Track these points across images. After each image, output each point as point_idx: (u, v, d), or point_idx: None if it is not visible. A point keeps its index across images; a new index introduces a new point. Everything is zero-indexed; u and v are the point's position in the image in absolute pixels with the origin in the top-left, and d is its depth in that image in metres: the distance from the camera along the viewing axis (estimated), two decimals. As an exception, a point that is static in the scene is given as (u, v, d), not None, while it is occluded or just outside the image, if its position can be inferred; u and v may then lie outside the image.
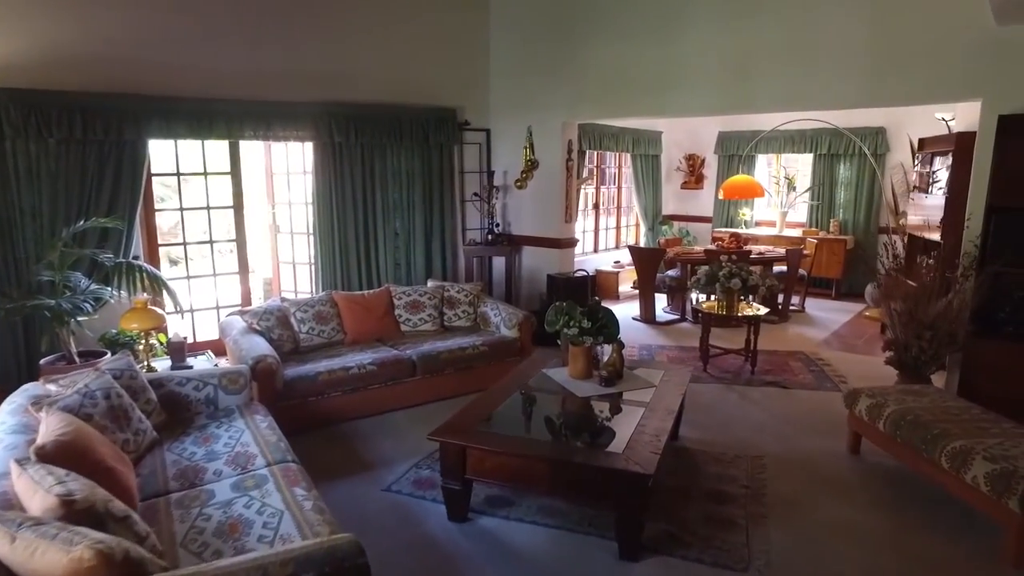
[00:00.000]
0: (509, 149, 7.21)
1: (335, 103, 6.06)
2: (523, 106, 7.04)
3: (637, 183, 9.92)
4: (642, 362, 4.98)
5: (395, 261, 6.78)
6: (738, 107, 5.73)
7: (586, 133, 8.55)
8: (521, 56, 6.99)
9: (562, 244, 7.02)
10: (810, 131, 9.40)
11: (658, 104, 6.15)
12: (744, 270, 5.66)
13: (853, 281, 9.31)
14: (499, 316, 5.51)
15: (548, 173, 6.98)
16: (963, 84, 4.71)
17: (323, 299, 5.20)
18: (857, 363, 6.23)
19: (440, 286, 5.81)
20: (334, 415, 4.49)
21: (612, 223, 10.13)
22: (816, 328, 7.60)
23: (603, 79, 6.44)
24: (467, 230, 7.31)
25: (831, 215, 9.50)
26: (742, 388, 5.47)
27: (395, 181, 6.63)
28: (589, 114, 6.71)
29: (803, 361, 6.23)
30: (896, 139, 8.94)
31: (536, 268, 7.22)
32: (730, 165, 10.22)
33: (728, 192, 7.78)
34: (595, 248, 9.68)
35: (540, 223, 7.14)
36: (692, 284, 5.90)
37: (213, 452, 2.98)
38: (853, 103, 5.31)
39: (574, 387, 3.93)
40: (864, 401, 4.00)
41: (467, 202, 7.24)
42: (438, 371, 4.92)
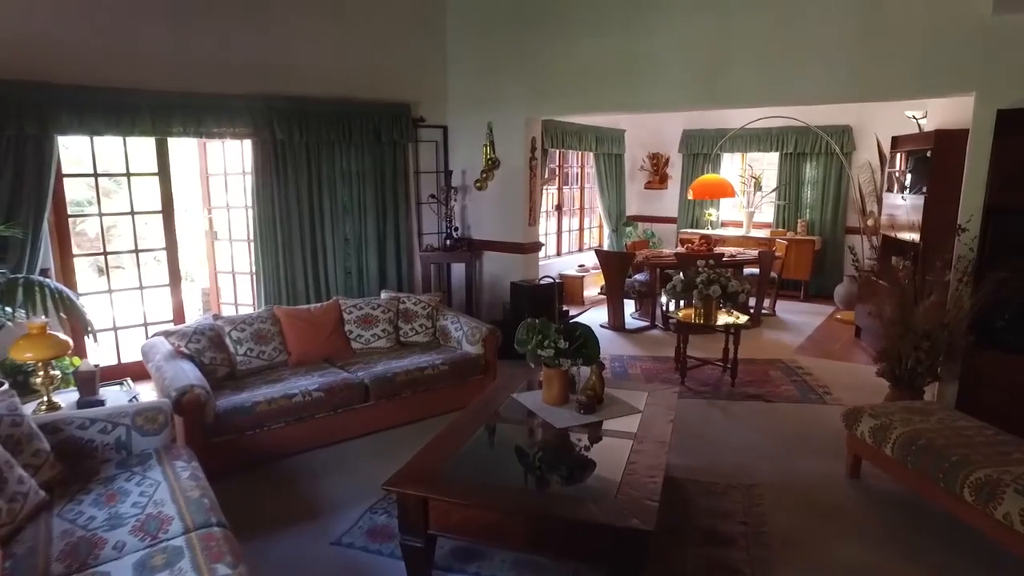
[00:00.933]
0: (468, 147, 6.72)
1: (276, 96, 5.48)
2: (483, 101, 6.56)
3: (600, 183, 9.54)
4: (622, 382, 4.56)
5: (346, 269, 6.22)
6: (714, 102, 5.36)
7: (548, 131, 8.11)
8: (481, 47, 6.51)
9: (526, 249, 6.57)
10: (776, 129, 9.15)
11: (628, 98, 5.74)
12: (723, 276, 5.29)
13: (821, 282, 9.09)
14: (460, 330, 5.01)
15: (510, 173, 6.52)
16: (955, 77, 4.41)
17: (263, 316, 4.63)
18: (837, 371, 5.92)
19: (395, 298, 5.28)
20: (276, 450, 3.93)
21: (575, 225, 9.72)
22: (790, 333, 7.30)
23: (569, 72, 6.00)
24: (424, 235, 6.80)
25: (798, 215, 9.27)
26: (724, 403, 5.09)
27: (344, 182, 6.08)
28: (554, 109, 6.27)
29: (783, 370, 5.90)
30: (862, 138, 8.75)
31: (499, 275, 6.75)
32: (695, 164, 9.92)
33: (697, 192, 7.44)
34: (558, 251, 9.26)
35: (502, 226, 6.66)
36: (668, 291, 5.50)
37: (117, 516, 2.42)
38: (838, 98, 4.98)
39: (550, 416, 3.46)
40: (867, 422, 3.64)
41: (423, 204, 6.73)
42: (394, 394, 4.40)
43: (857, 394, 5.23)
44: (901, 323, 4.34)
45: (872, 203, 8.43)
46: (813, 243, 8.83)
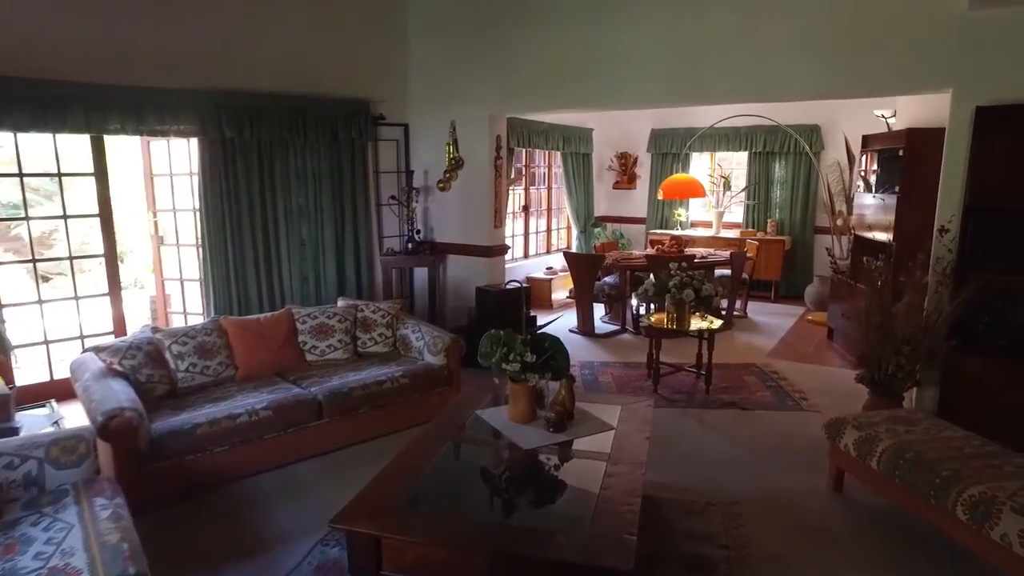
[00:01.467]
0: (430, 146, 6.44)
1: (225, 91, 5.13)
2: (446, 98, 6.28)
3: (568, 183, 9.32)
4: (593, 394, 4.32)
5: (302, 275, 5.89)
6: (687, 98, 5.15)
7: (514, 130, 7.87)
8: (444, 42, 6.23)
9: (491, 252, 6.30)
10: (745, 128, 9.03)
11: (598, 95, 5.52)
12: (696, 279, 5.09)
13: (791, 283, 9.00)
14: (422, 340, 4.72)
15: (474, 172, 6.25)
16: (931, 74, 4.26)
17: (208, 327, 4.29)
18: (812, 374, 5.78)
19: (352, 305, 4.98)
20: (220, 475, 3.60)
21: (542, 226, 9.49)
22: (762, 335, 7.16)
23: (535, 67, 5.76)
24: (384, 238, 6.50)
25: (767, 215, 9.16)
26: (699, 412, 4.89)
27: (300, 183, 5.76)
28: (520, 106, 6.02)
29: (757, 375, 5.73)
30: (831, 137, 8.67)
31: (463, 279, 6.48)
32: (664, 164, 9.76)
33: (667, 192, 7.26)
34: (525, 254, 9.01)
35: (466, 229, 6.39)
36: (639, 295, 5.29)
37: (14, 572, 2.09)
38: (813, 94, 4.82)
39: (517, 435, 3.21)
40: (851, 434, 3.46)
41: (384, 206, 6.42)
42: (350, 411, 4.10)
43: (833, 399, 5.08)
44: (880, 328, 4.17)
45: (841, 202, 8.37)
46: (783, 243, 8.73)
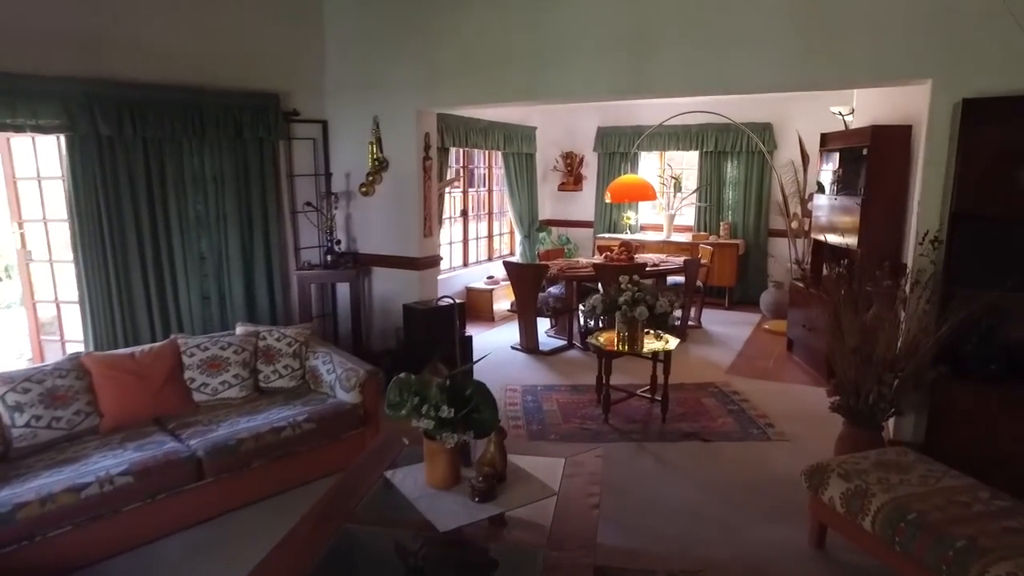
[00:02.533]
0: (352, 145, 5.73)
1: (99, 80, 4.30)
2: (368, 91, 5.57)
3: (510, 185, 8.69)
4: (531, 445, 3.70)
5: (203, 294, 5.09)
6: (638, 90, 4.57)
7: (449, 128, 7.20)
8: (364, 26, 5.52)
9: (421, 264, 5.62)
10: (696, 127, 8.56)
11: (539, 87, 4.89)
12: (650, 294, 4.52)
13: (746, 289, 8.57)
14: (333, 373, 4.02)
15: (400, 175, 5.56)
16: (909, 62, 3.78)
17: (62, 368, 3.49)
18: (776, 394, 5.28)
19: (252, 333, 4.24)
20: (55, 567, 2.84)
21: (483, 231, 8.84)
22: (719, 348, 6.66)
23: (467, 55, 5.11)
24: (301, 249, 5.74)
25: (720, 218, 8.71)
26: (656, 446, 4.31)
27: (197, 188, 4.96)
28: (449, 99, 5.35)
29: (717, 397, 5.20)
30: (784, 136, 8.27)
31: (391, 295, 5.78)
32: (611, 164, 9.23)
33: (616, 194, 6.70)
34: (464, 262, 8.35)
35: (393, 238, 5.70)
36: (587, 313, 4.68)
37: None
38: (777, 85, 4.29)
39: (432, 508, 2.54)
40: (836, 485, 2.91)
41: (299, 214, 5.67)
42: (240, 466, 3.37)
43: (802, 425, 4.58)
44: (857, 351, 3.66)
45: (796, 204, 7.97)
46: (737, 247, 8.28)
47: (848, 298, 3.84)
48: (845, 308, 3.84)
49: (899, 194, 5.22)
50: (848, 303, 3.83)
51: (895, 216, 5.24)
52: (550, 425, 4.62)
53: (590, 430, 4.54)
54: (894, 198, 5.23)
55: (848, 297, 3.85)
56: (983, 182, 3.42)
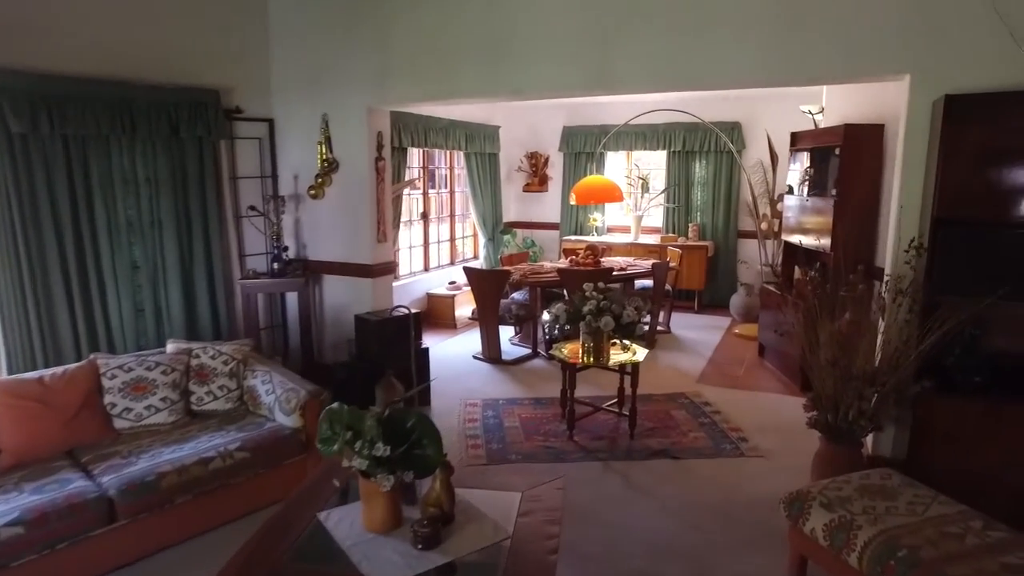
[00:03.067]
0: (300, 145, 5.37)
1: (8, 70, 3.88)
2: (316, 87, 5.23)
3: (473, 186, 8.39)
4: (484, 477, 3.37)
5: (136, 307, 4.70)
6: (602, 85, 4.29)
7: (408, 127, 6.88)
8: (311, 18, 5.17)
9: (374, 271, 5.28)
10: (663, 125, 8.35)
11: (492, 82, 4.59)
12: (616, 302, 4.25)
13: (715, 291, 8.38)
14: (273, 394, 3.68)
15: (351, 177, 5.22)
16: (886, 57, 3.56)
17: (-44, 395, 3.11)
18: (748, 405, 5.06)
19: (184, 351, 3.87)
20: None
21: (445, 234, 8.51)
22: (688, 355, 6.43)
23: (419, 50, 4.79)
24: (247, 256, 5.37)
25: (688, 219, 8.51)
26: (623, 465, 4.04)
27: (128, 190, 4.56)
28: (401, 97, 5.02)
29: (687, 408, 4.95)
30: (752, 135, 8.09)
31: (344, 305, 5.43)
32: (577, 164, 8.97)
33: (581, 196, 6.43)
34: (426, 266, 8.02)
35: (345, 244, 5.35)
36: (549, 323, 4.40)
37: None
38: (749, 81, 4.05)
39: (368, 558, 2.22)
40: (818, 515, 2.66)
41: (244, 218, 5.30)
42: (162, 504, 3.02)
43: (778, 439, 4.35)
44: (836, 364, 3.43)
45: (765, 205, 7.79)
46: (706, 249, 8.08)
47: (822, 304, 3.61)
48: (820, 315, 3.61)
49: (872, 195, 5.04)
50: (823, 309, 3.60)
51: (868, 218, 5.06)
52: (511, 444, 4.32)
53: (553, 449, 4.25)
54: (867, 199, 5.05)
55: (822, 303, 3.61)
56: (967, 184, 3.20)
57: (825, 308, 3.60)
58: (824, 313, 3.66)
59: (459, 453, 4.20)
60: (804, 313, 3.80)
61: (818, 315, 3.68)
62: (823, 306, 3.61)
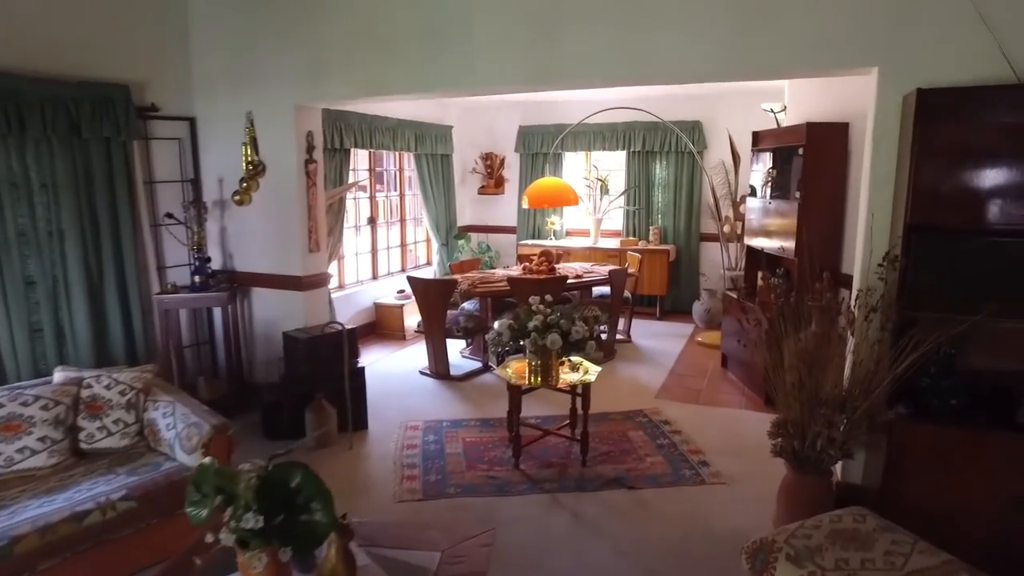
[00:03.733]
0: (225, 147, 4.91)
1: None
2: (240, 83, 4.78)
3: (424, 189, 7.97)
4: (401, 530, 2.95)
5: (31, 327, 4.20)
6: (549, 79, 3.91)
7: (351, 127, 6.45)
8: (234, 7, 4.72)
9: (306, 284, 4.84)
10: (622, 125, 8.03)
11: (430, 76, 4.19)
12: (565, 317, 3.88)
13: (677, 297, 8.09)
14: (173, 429, 3.23)
15: (279, 181, 4.78)
16: (852, 49, 3.25)
17: None
18: (710, 422, 4.74)
19: (75, 380, 3.40)
20: None
21: (396, 239, 8.07)
22: (648, 366, 6.10)
23: (350, 41, 4.38)
24: (166, 269, 4.89)
25: (649, 222, 8.20)
26: (573, 498, 3.68)
27: (19, 196, 4.05)
28: (332, 93, 4.58)
29: (645, 428, 4.61)
30: (714, 135, 7.81)
31: (274, 319, 4.98)
32: (534, 165, 8.61)
33: (534, 199, 6.06)
34: (374, 274, 7.58)
35: (274, 254, 4.91)
36: (492, 342, 4.01)
37: None
38: (704, 73, 3.69)
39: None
40: (785, 570, 2.32)
41: (161, 227, 4.82)
42: (23, 570, 2.56)
43: (740, 463, 4.03)
44: (802, 388, 3.10)
45: (727, 207, 7.52)
46: (667, 253, 7.78)
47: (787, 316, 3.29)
48: (785, 330, 3.28)
49: (837, 197, 4.77)
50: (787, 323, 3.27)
51: (833, 221, 4.79)
52: (451, 475, 3.93)
53: (497, 479, 3.87)
54: (832, 201, 4.78)
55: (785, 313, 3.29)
56: (942, 188, 2.90)
57: (790, 321, 3.27)
58: (788, 327, 3.33)
59: (392, 486, 3.79)
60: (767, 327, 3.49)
61: (783, 329, 3.35)
62: (787, 319, 3.28)
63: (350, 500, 3.67)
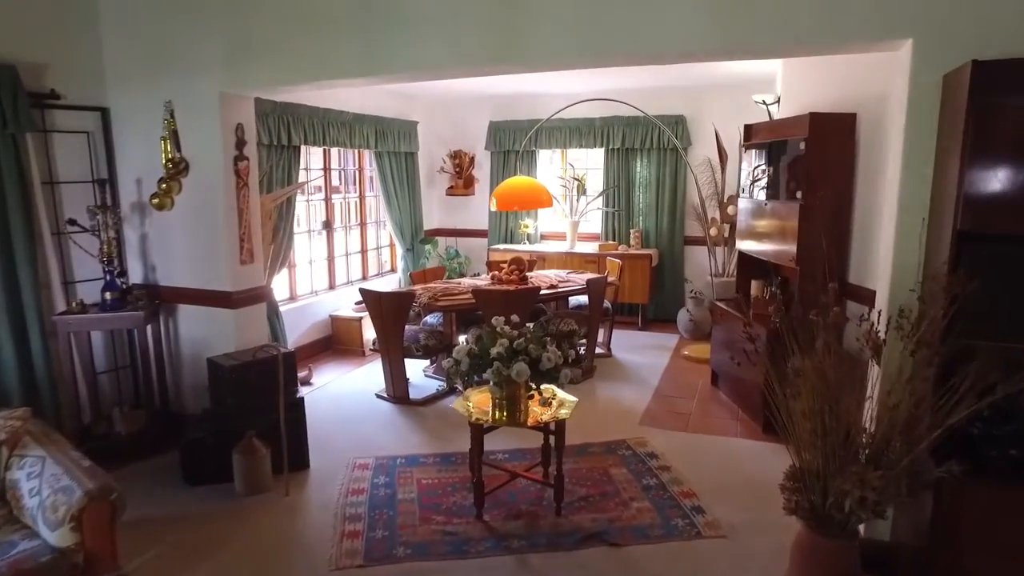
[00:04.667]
0: (143, 142, 4.25)
1: None
2: (159, 67, 4.12)
3: (387, 190, 7.32)
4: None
5: None
6: (505, 58, 3.30)
7: (300, 121, 5.79)
8: (145, -19, 4.07)
9: (236, 300, 4.18)
10: (600, 120, 7.45)
11: (374, 58, 3.56)
12: (535, 340, 3.27)
13: (661, 304, 7.53)
14: (38, 495, 2.56)
15: (204, 182, 4.12)
16: (879, 18, 2.68)
17: None
18: (702, 455, 4.16)
19: (-80, 430, 2.72)
20: None
21: (355, 244, 7.41)
22: (631, 385, 5.51)
23: (282, 20, 3.74)
24: (74, 284, 4.21)
25: (630, 224, 7.62)
26: (545, 560, 3.06)
27: None
28: (263, 79, 3.93)
29: (629, 463, 4.02)
30: (699, 130, 7.26)
31: (204, 341, 4.31)
32: (507, 164, 7.99)
33: (503, 200, 5.44)
34: (331, 283, 6.91)
35: (199, 266, 4.25)
36: (450, 372, 3.38)
37: None
38: (699, 49, 3.04)
39: None
40: None
41: (67, 235, 4.14)
42: None
43: (741, 508, 3.45)
44: (825, 433, 2.51)
45: (714, 208, 6.97)
46: (650, 258, 7.20)
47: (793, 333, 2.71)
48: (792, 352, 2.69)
49: (844, 196, 4.22)
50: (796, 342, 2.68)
51: (839, 224, 4.24)
52: (401, 530, 3.29)
53: (455, 536, 3.24)
54: (838, 202, 4.22)
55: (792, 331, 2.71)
56: (1004, 187, 2.32)
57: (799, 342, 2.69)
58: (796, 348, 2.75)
59: (329, 548, 3.15)
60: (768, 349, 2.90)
61: (789, 352, 2.77)
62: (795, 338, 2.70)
63: (277, 567, 3.04)
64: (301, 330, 6.28)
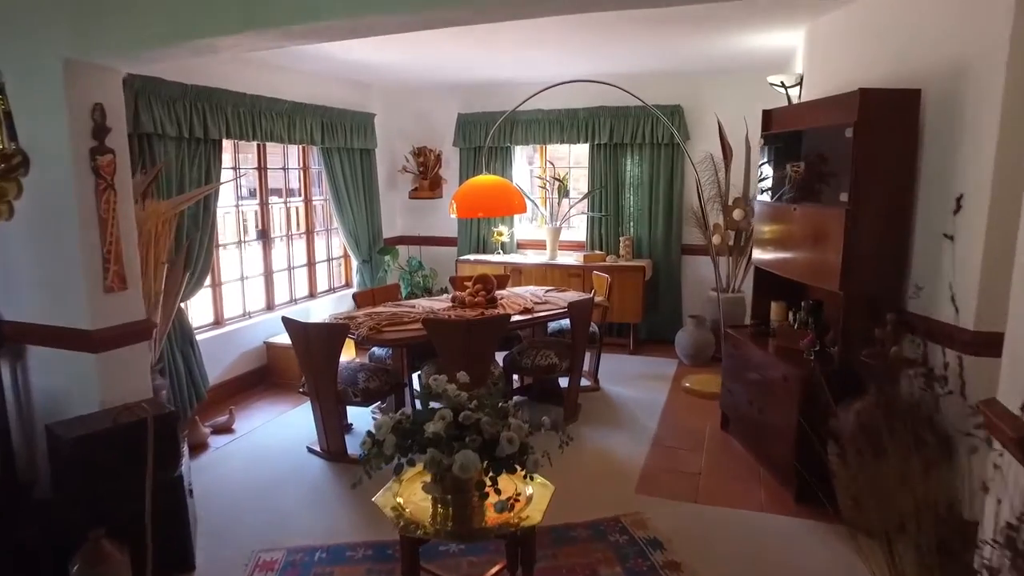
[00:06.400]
0: (-22, 130, 3.16)
1: None
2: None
3: (338, 193, 6.27)
4: None
5: None
6: (443, 4, 2.29)
7: (219, 109, 4.77)
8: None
9: (99, 341, 3.10)
10: (584, 111, 6.46)
11: (256, 8, 2.53)
12: (489, 411, 2.25)
13: (655, 323, 6.54)
14: None
15: (50, 183, 3.04)
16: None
17: None
18: (718, 539, 3.15)
19: None
20: None
21: (300, 257, 6.35)
22: (624, 431, 4.50)
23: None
24: None
25: (620, 231, 6.62)
26: None
27: None
28: (122, 38, 2.86)
29: (624, 555, 3.00)
30: (698, 122, 6.30)
31: (64, 393, 3.24)
32: (477, 162, 6.97)
33: (464, 205, 4.41)
34: (268, 304, 5.84)
35: (48, 295, 3.18)
36: (368, 457, 2.35)
37: None
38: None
39: None
40: None
41: None
42: None
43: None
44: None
45: (716, 212, 5.99)
46: (643, 270, 6.20)
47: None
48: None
49: (905, 200, 3.23)
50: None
51: (896, 236, 3.25)
52: None
53: None
54: (895, 207, 3.24)
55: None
56: None
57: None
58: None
59: None
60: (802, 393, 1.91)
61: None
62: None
63: None
64: (227, 362, 5.22)
